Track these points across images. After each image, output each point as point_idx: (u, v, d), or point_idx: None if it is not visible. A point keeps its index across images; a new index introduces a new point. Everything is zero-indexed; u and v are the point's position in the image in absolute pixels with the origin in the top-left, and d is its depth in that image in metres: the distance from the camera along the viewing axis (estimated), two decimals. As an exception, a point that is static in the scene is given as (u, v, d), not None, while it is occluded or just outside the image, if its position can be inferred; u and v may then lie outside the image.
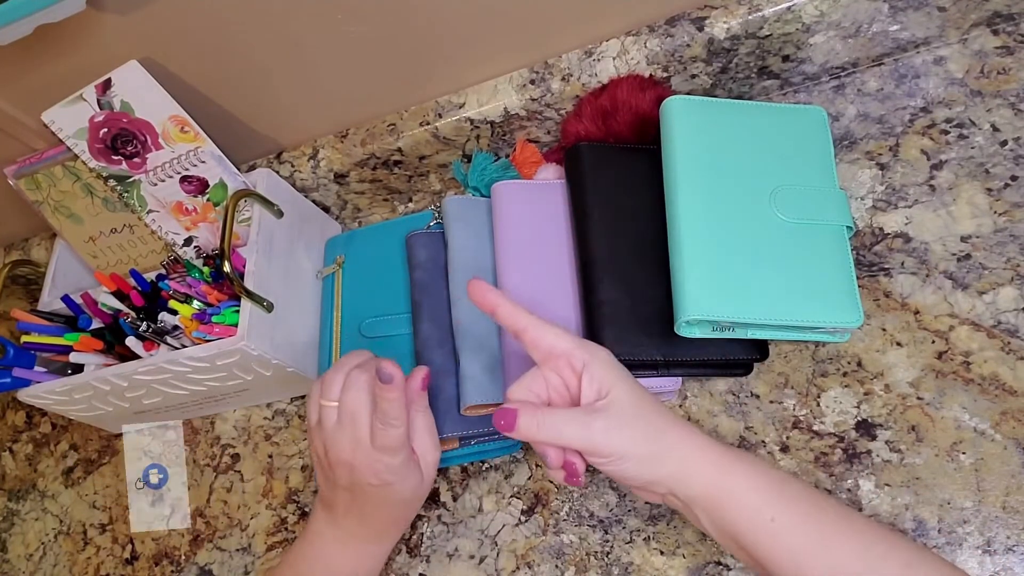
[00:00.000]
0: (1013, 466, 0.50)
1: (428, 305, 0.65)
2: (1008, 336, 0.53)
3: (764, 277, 0.54)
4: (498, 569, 0.60)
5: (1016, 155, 0.57)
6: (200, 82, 0.65)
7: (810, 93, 0.65)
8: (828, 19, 0.58)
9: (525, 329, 0.48)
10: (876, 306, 0.57)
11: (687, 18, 0.60)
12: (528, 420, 0.45)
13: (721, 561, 0.54)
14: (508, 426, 0.45)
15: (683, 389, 0.60)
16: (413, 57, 0.64)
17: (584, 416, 0.44)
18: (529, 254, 0.63)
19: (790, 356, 0.58)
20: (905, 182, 0.60)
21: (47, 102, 0.63)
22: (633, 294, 0.57)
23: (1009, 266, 0.55)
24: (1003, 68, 0.60)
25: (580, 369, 0.46)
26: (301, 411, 0.74)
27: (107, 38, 0.60)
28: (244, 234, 0.68)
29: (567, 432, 0.44)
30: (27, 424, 0.89)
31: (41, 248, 0.85)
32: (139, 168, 0.66)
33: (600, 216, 0.60)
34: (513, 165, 0.70)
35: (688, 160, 0.57)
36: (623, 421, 0.44)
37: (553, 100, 0.65)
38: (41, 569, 0.80)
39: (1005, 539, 0.49)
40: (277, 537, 0.70)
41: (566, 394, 0.48)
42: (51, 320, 0.71)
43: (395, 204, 0.79)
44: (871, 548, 0.41)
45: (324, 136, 0.73)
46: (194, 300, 0.66)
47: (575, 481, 0.47)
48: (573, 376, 0.47)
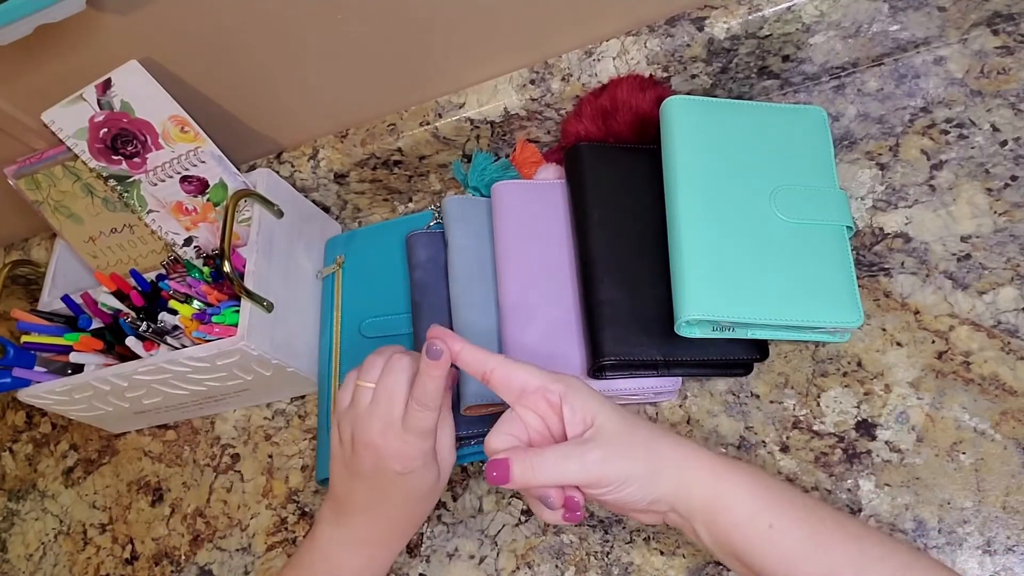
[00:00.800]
0: (1013, 466, 0.50)
1: (428, 305, 0.65)
2: (1008, 336, 0.53)
3: (764, 277, 0.54)
4: (498, 569, 0.60)
5: (1016, 155, 0.57)
6: (200, 82, 0.65)
7: (810, 93, 0.65)
8: (828, 19, 0.58)
9: (493, 370, 0.47)
10: (876, 306, 0.57)
11: (687, 18, 0.60)
12: (522, 467, 0.44)
13: (721, 562, 0.54)
14: (502, 478, 0.44)
15: (683, 389, 0.60)
16: (413, 57, 0.64)
17: (577, 449, 0.44)
18: (529, 254, 0.63)
19: (790, 356, 0.58)
20: (905, 182, 0.60)
21: (47, 102, 0.63)
22: (633, 294, 0.57)
23: (1009, 266, 0.55)
24: (1003, 68, 0.60)
25: (558, 402, 0.46)
26: (301, 411, 0.74)
27: (107, 38, 0.60)
28: (244, 234, 0.68)
29: (565, 470, 0.43)
30: (27, 424, 0.89)
31: (41, 248, 0.85)
32: (139, 168, 0.66)
33: (600, 216, 0.60)
34: (513, 165, 0.70)
35: (688, 160, 0.57)
36: (617, 446, 0.44)
37: (553, 100, 0.65)
38: (41, 569, 0.80)
39: (1005, 539, 0.49)
40: (277, 537, 0.70)
41: (546, 432, 0.47)
42: (51, 320, 0.71)
43: (395, 204, 0.79)
44: (867, 552, 0.41)
45: (324, 136, 0.73)
46: (194, 300, 0.66)
47: (576, 517, 0.46)
48: (551, 411, 0.47)
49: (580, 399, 0.45)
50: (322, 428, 0.68)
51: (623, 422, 0.45)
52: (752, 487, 0.44)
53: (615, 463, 0.43)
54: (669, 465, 0.44)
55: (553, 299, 0.61)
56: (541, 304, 0.61)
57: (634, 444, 0.44)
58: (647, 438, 0.45)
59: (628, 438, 0.44)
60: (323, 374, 0.70)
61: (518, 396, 0.47)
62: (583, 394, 0.46)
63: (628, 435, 0.44)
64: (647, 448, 0.44)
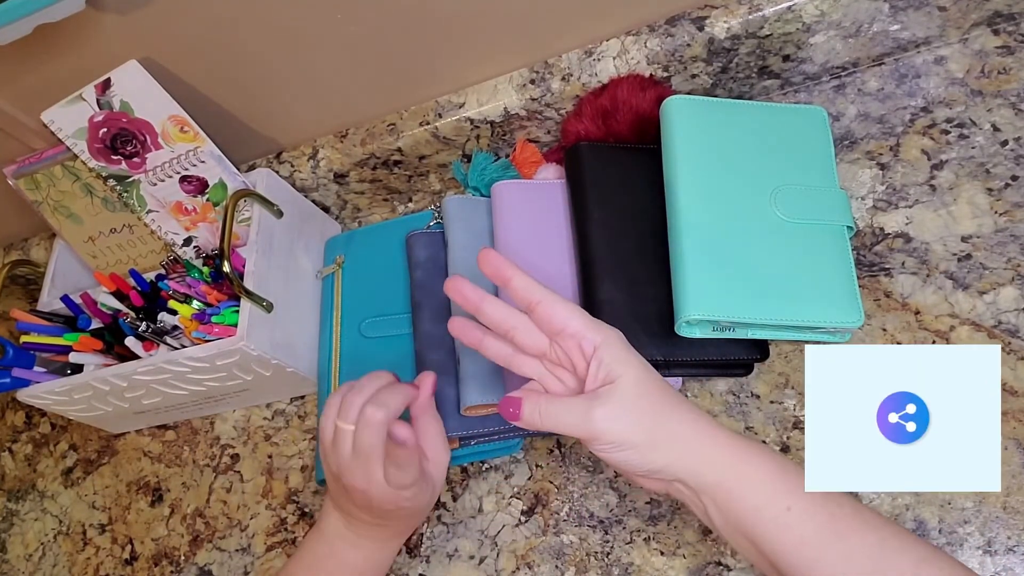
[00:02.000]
0: (1013, 466, 0.50)
1: (428, 305, 0.65)
2: (1008, 336, 0.53)
3: (764, 277, 0.54)
4: (498, 569, 0.60)
5: (1016, 155, 0.57)
6: (200, 82, 0.65)
7: (810, 93, 0.65)
8: (828, 19, 0.58)
9: (539, 303, 0.47)
10: (876, 306, 0.57)
11: (687, 18, 0.60)
12: (531, 408, 0.46)
13: (721, 562, 0.54)
14: (514, 415, 0.46)
15: (683, 389, 0.60)
16: (413, 57, 0.64)
17: (583, 404, 0.44)
18: (529, 254, 0.63)
19: (790, 356, 0.58)
20: (905, 182, 0.60)
21: (47, 102, 0.63)
22: (633, 294, 0.57)
23: (1009, 266, 0.55)
24: (1003, 68, 0.60)
25: (591, 352, 0.46)
26: (301, 411, 0.74)
27: (107, 38, 0.60)
28: (244, 234, 0.68)
29: (568, 420, 0.45)
30: (27, 424, 0.89)
31: (41, 248, 0.85)
32: (139, 168, 0.66)
33: (600, 216, 0.60)
34: (513, 165, 0.69)
35: (688, 160, 0.57)
36: (624, 409, 0.44)
37: (553, 100, 0.65)
38: (41, 569, 0.80)
39: (1006, 539, 0.49)
40: (277, 537, 0.70)
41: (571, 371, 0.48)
42: (51, 320, 0.71)
43: (395, 204, 0.79)
44: (886, 542, 0.41)
45: (324, 136, 0.73)
46: (194, 300, 0.66)
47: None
48: (582, 358, 0.47)
49: (611, 355, 0.45)
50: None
51: (641, 388, 0.45)
52: (769, 469, 0.43)
53: (616, 424, 0.43)
54: (677, 440, 0.44)
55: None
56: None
57: (641, 411, 0.44)
58: (660, 410, 0.44)
59: (638, 403, 0.44)
60: (323, 374, 0.69)
61: (556, 332, 0.47)
62: (615, 350, 0.45)
63: (640, 400, 0.44)
64: (655, 419, 0.44)
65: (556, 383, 0.49)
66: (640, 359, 0.46)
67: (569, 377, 0.49)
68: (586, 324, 0.46)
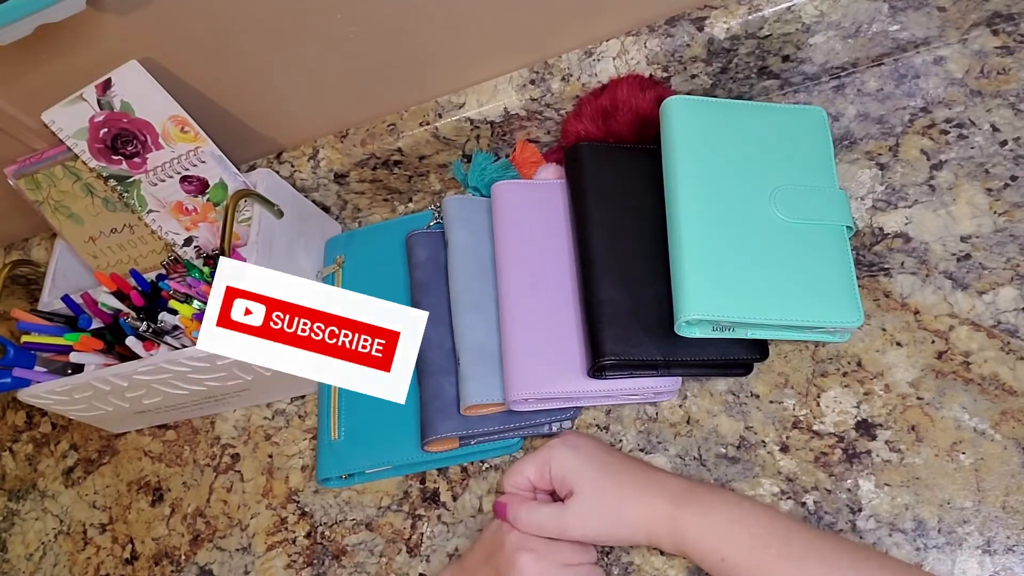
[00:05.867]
0: (1013, 466, 0.50)
1: (428, 305, 0.65)
2: (1008, 336, 0.53)
3: (764, 277, 0.54)
4: (498, 569, 0.60)
5: (1016, 155, 0.57)
6: (200, 82, 0.65)
7: (810, 93, 0.65)
8: (828, 19, 0.58)
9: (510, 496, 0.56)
10: (876, 306, 0.57)
11: (687, 18, 0.60)
12: (515, 514, 0.54)
13: (721, 561, 0.54)
14: (501, 516, 0.55)
15: (683, 389, 0.60)
16: (413, 57, 0.64)
17: (556, 513, 0.52)
18: (529, 254, 0.63)
19: (790, 356, 0.58)
20: (905, 182, 0.60)
21: (47, 102, 0.63)
22: (633, 294, 0.57)
23: (1009, 266, 0.55)
24: (1003, 68, 0.60)
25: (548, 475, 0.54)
26: (301, 411, 0.74)
27: (107, 38, 0.60)
28: (244, 234, 0.68)
29: (546, 526, 0.52)
30: (27, 424, 0.89)
31: (41, 248, 0.85)
32: (139, 168, 0.66)
33: (600, 216, 0.60)
34: (513, 165, 0.70)
35: (688, 160, 0.57)
36: (590, 514, 0.51)
37: (553, 100, 0.65)
38: (41, 569, 0.80)
39: (1005, 539, 0.49)
40: (277, 537, 0.70)
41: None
42: (51, 320, 0.71)
43: (395, 204, 0.79)
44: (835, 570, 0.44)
45: (324, 136, 0.73)
46: (194, 300, 0.66)
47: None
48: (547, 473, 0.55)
49: (561, 468, 0.53)
50: (322, 428, 0.69)
51: (598, 491, 0.52)
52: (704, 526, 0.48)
53: (587, 524, 0.51)
54: (638, 531, 0.50)
55: (553, 299, 0.61)
56: (541, 304, 0.61)
57: (604, 506, 0.51)
58: (617, 505, 0.51)
59: (599, 505, 0.51)
60: (323, 374, 0.69)
61: (533, 485, 0.56)
62: (564, 462, 0.53)
63: (601, 502, 0.51)
64: (616, 514, 0.51)
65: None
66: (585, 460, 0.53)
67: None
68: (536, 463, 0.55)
